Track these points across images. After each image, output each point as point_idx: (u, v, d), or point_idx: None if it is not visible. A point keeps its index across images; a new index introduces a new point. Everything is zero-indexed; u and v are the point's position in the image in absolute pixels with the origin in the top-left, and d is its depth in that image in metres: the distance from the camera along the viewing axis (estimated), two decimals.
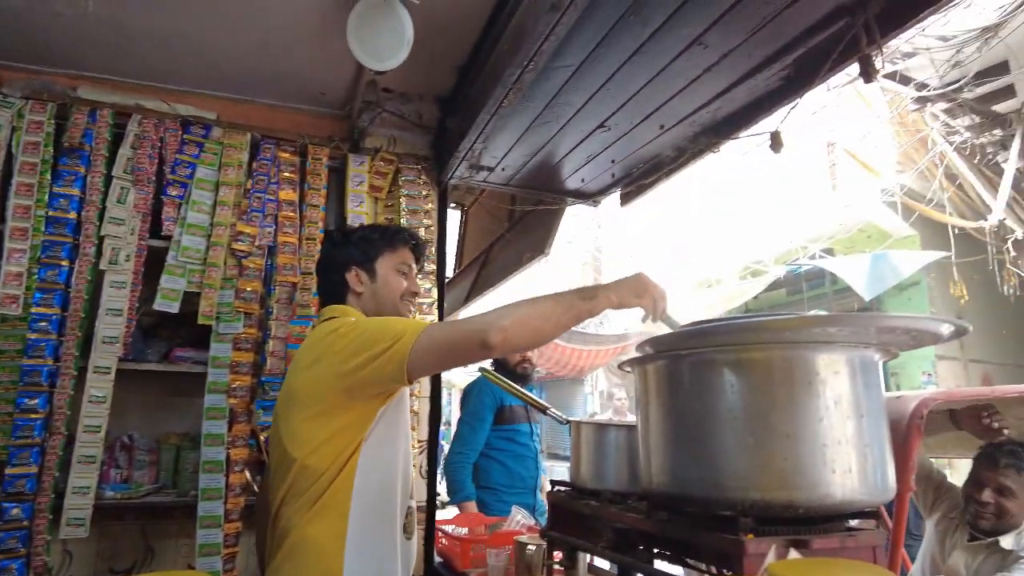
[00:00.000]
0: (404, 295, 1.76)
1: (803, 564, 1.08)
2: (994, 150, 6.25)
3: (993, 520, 2.29)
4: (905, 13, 1.76)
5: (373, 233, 1.80)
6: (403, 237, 1.82)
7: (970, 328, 1.19)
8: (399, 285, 1.75)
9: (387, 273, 1.75)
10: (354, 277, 1.73)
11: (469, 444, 3.32)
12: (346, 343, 1.46)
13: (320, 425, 1.46)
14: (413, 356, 1.38)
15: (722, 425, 1.20)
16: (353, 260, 1.74)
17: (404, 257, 1.79)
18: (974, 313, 7.49)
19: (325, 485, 1.45)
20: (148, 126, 2.45)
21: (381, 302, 1.73)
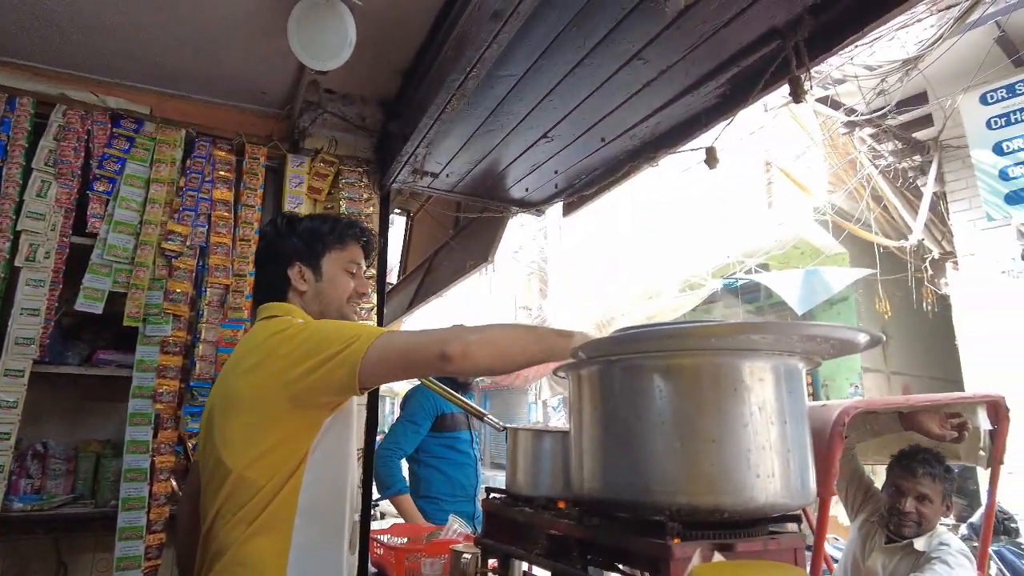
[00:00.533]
0: (351, 297, 1.63)
1: (724, 567, 1.10)
2: (914, 174, 6.62)
3: (915, 527, 2.41)
4: (832, 39, 1.85)
5: (322, 225, 1.63)
6: (353, 232, 1.66)
7: (884, 337, 1.25)
8: (346, 285, 1.61)
9: (334, 272, 1.60)
10: (297, 273, 1.57)
11: (398, 443, 3.24)
12: (293, 347, 1.36)
13: (261, 435, 1.34)
14: (366, 363, 1.30)
15: (651, 431, 1.22)
16: (297, 254, 1.58)
17: (354, 255, 1.64)
18: (896, 328, 7.88)
19: (266, 500, 1.32)
20: (74, 117, 2.34)
21: (325, 303, 1.59)
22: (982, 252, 5.90)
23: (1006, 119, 5.65)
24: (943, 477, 2.41)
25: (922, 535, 2.41)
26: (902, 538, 2.44)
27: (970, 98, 5.82)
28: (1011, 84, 5.62)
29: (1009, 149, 5.62)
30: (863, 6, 1.76)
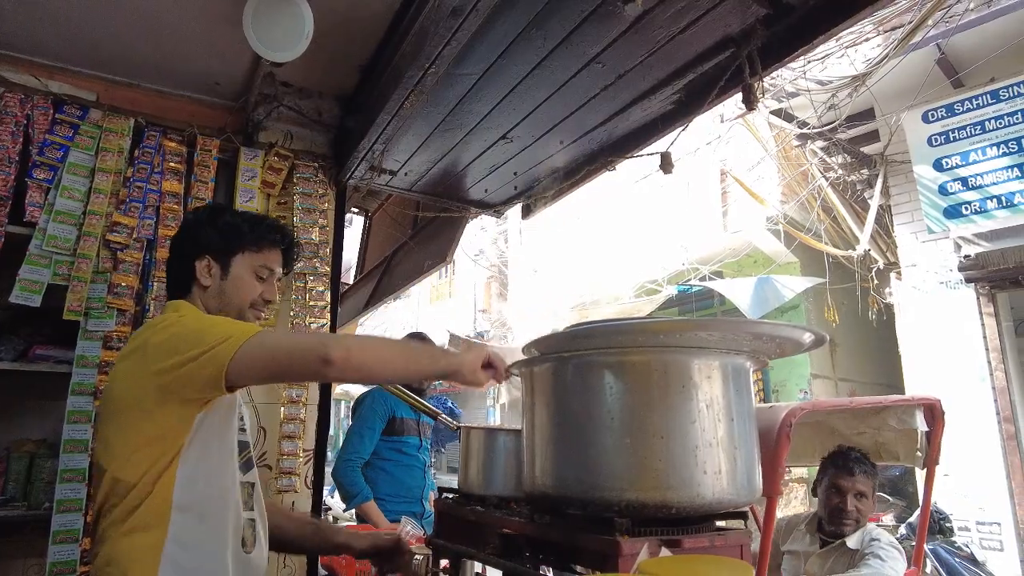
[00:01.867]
0: (255, 303, 1.57)
1: (672, 561, 1.11)
2: (862, 187, 6.86)
3: (854, 525, 2.49)
4: (783, 49, 1.91)
5: (243, 223, 1.57)
6: (273, 238, 1.59)
7: (827, 337, 1.28)
8: (252, 290, 1.55)
9: (242, 273, 1.54)
10: (204, 267, 1.51)
11: (357, 451, 3.24)
12: (164, 338, 1.33)
13: (132, 433, 1.32)
14: (236, 362, 1.26)
15: (601, 427, 1.22)
16: (209, 247, 1.52)
17: (268, 260, 1.58)
18: (844, 335, 8.14)
19: (139, 498, 1.29)
20: (12, 101, 2.24)
21: (226, 303, 1.53)
22: (923, 263, 6.14)
23: (945, 137, 5.91)
24: (872, 474, 2.52)
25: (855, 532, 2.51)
26: (837, 538, 2.53)
27: (913, 116, 6.06)
28: (950, 104, 5.88)
29: (948, 165, 5.87)
30: (812, 20, 1.82)
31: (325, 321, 2.57)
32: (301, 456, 2.45)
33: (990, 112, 5.63)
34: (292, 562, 2.42)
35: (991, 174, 5.59)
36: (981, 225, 5.64)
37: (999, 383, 5.50)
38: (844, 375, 8.52)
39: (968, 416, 5.36)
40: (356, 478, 3.18)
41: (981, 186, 5.63)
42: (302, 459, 2.46)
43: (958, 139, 5.80)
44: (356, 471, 3.20)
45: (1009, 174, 5.49)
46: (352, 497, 3.14)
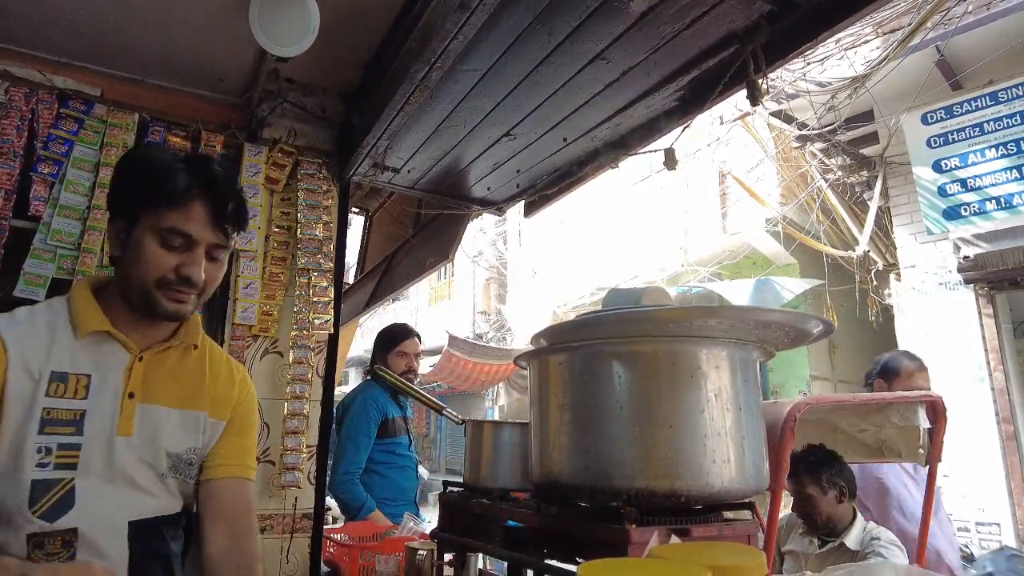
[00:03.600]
0: (165, 280, 1.17)
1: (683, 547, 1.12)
2: (861, 189, 6.89)
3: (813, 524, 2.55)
4: (787, 45, 1.91)
5: (147, 169, 1.18)
6: (189, 185, 1.16)
7: (835, 326, 1.29)
8: (155, 262, 1.16)
9: (144, 239, 1.16)
10: (113, 232, 1.20)
11: (354, 462, 3.16)
12: None
13: None
14: None
15: (610, 416, 1.23)
16: (117, 206, 1.20)
17: (178, 221, 1.16)
18: (843, 337, 8.16)
19: None
20: (17, 95, 2.24)
21: (128, 279, 1.19)
22: (922, 264, 6.17)
23: (944, 139, 5.93)
24: (812, 471, 2.50)
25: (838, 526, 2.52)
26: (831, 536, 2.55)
27: (912, 118, 6.09)
28: (949, 106, 5.90)
29: (947, 167, 5.90)
30: (816, 16, 1.83)
31: (328, 317, 2.57)
32: (304, 452, 2.45)
33: (989, 114, 5.66)
34: (295, 558, 2.42)
35: (990, 176, 5.62)
36: (980, 226, 5.67)
37: (998, 384, 5.52)
38: (843, 376, 8.53)
39: (967, 417, 5.38)
40: (358, 491, 3.12)
41: (980, 187, 5.66)
42: (305, 455, 2.46)
43: (957, 141, 5.83)
44: (356, 484, 3.13)
45: (1008, 175, 5.51)
46: (357, 511, 3.07)
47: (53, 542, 1.10)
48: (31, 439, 1.11)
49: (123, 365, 1.23)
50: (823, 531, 2.58)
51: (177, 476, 1.27)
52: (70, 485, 1.13)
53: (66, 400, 1.15)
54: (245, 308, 2.43)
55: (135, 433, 1.21)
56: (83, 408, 1.16)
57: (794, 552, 2.69)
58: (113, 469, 1.18)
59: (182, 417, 1.29)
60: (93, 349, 1.20)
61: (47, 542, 1.09)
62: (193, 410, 1.30)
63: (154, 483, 1.24)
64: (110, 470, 1.18)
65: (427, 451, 17.87)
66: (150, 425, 1.24)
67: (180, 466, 1.28)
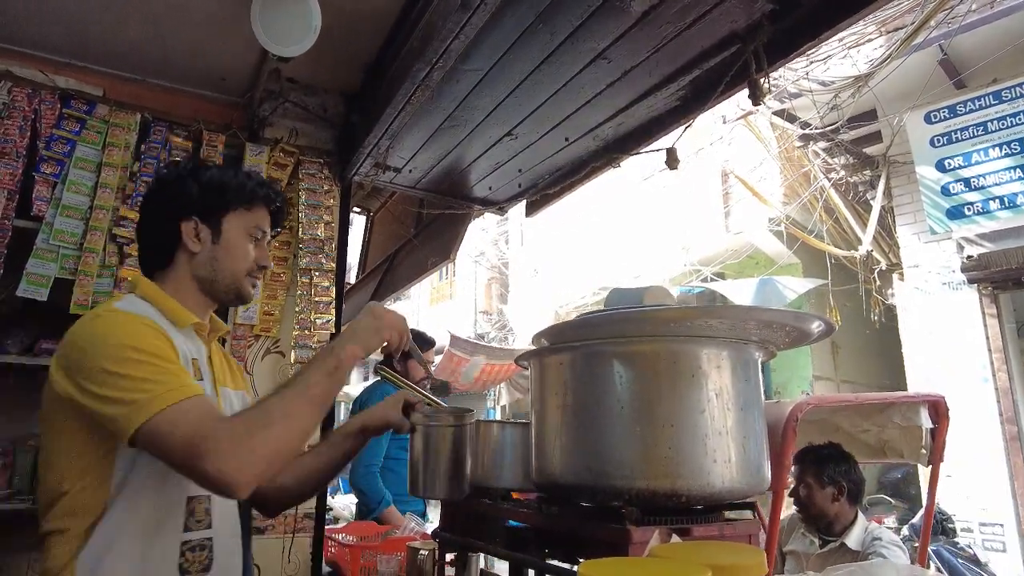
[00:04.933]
0: (251, 269, 1.40)
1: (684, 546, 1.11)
2: (864, 188, 6.87)
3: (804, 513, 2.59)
4: (789, 45, 1.91)
5: (230, 178, 1.40)
6: (265, 193, 1.42)
7: (836, 326, 1.29)
8: (247, 254, 1.39)
9: (235, 235, 1.37)
10: (191, 230, 1.34)
11: (376, 456, 3.20)
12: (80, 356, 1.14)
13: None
14: (142, 436, 1.05)
15: (611, 415, 1.23)
16: (195, 207, 1.34)
17: (260, 220, 1.42)
18: (846, 337, 8.14)
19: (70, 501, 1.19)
20: (20, 95, 2.24)
21: (219, 270, 1.36)
22: (925, 264, 6.15)
23: (948, 138, 5.92)
24: (817, 463, 2.55)
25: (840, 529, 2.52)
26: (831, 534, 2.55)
27: (915, 117, 6.07)
28: (952, 105, 5.89)
29: (951, 166, 5.88)
30: (818, 16, 1.82)
31: (330, 317, 2.58)
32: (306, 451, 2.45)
33: (992, 113, 5.64)
34: (296, 558, 2.42)
35: (994, 175, 5.60)
36: (984, 226, 5.65)
37: (1002, 384, 5.50)
38: (846, 376, 8.51)
39: (971, 417, 5.36)
40: (378, 485, 3.15)
41: (984, 187, 5.64)
42: None
43: (960, 140, 5.81)
44: (377, 478, 3.17)
45: (1012, 175, 5.49)
46: (376, 504, 3.10)
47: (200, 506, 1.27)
48: None
49: (205, 353, 1.38)
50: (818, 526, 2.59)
51: None
52: None
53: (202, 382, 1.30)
54: (247, 308, 2.43)
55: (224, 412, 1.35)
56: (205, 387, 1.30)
57: (795, 552, 2.68)
58: None
59: (238, 397, 1.46)
60: (186, 338, 1.32)
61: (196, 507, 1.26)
62: (240, 390, 1.49)
63: None
64: None
65: None
66: (229, 406, 1.39)
67: None
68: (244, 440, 1.07)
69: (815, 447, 2.59)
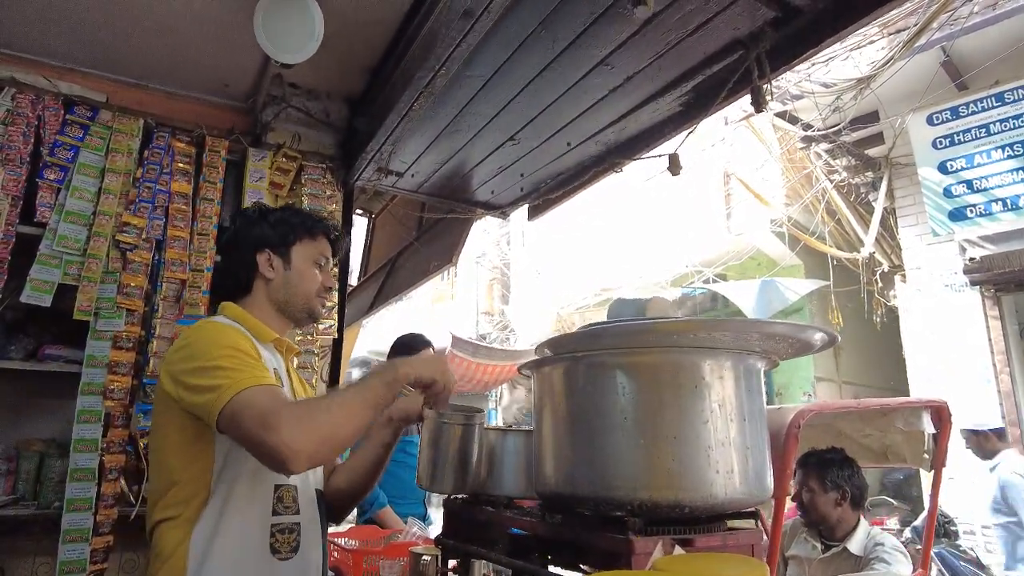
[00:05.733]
0: (319, 290, 1.63)
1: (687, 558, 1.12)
2: (866, 190, 6.86)
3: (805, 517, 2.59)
4: (792, 51, 1.91)
5: (293, 217, 1.65)
6: (324, 226, 1.67)
7: (839, 337, 1.29)
8: (314, 278, 1.62)
9: (303, 263, 1.61)
10: (266, 260, 1.57)
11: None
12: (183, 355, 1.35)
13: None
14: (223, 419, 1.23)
15: (614, 427, 1.23)
16: (267, 242, 1.58)
17: (323, 248, 1.65)
18: (847, 339, 8.11)
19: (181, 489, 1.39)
20: (23, 102, 2.24)
21: (292, 293, 1.59)
22: (927, 266, 6.14)
23: (950, 140, 5.91)
24: (820, 468, 2.55)
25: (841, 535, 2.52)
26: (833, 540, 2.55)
27: (918, 118, 6.06)
28: (955, 107, 5.88)
29: (953, 168, 5.87)
30: (820, 22, 1.82)
31: (332, 321, 2.58)
32: None
33: (995, 115, 5.64)
34: None
35: (996, 177, 5.59)
36: (986, 228, 5.64)
37: (1004, 386, 5.49)
38: (848, 378, 8.50)
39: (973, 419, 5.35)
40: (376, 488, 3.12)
41: (986, 189, 5.63)
42: None
43: (963, 142, 5.81)
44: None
45: (1014, 177, 5.49)
46: (370, 505, 3.06)
47: (288, 494, 1.44)
48: None
49: (284, 366, 1.58)
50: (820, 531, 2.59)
51: None
52: None
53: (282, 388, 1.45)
54: None
55: None
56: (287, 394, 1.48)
57: (797, 557, 2.68)
58: None
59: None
60: (268, 352, 1.51)
61: (284, 495, 1.43)
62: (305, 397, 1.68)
63: None
64: None
65: None
66: None
67: None
68: (305, 420, 1.23)
69: (818, 452, 2.59)
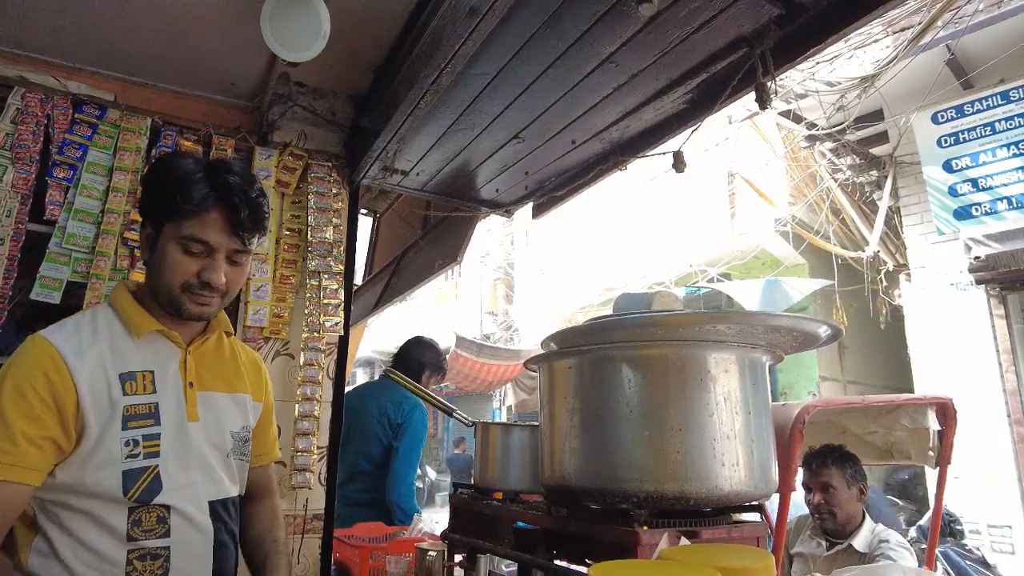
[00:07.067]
0: (188, 284, 1.24)
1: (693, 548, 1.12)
2: (871, 189, 6.85)
3: (831, 519, 2.54)
4: (796, 48, 1.92)
5: (169, 179, 1.23)
6: (204, 195, 1.21)
7: (843, 330, 1.29)
8: (178, 267, 1.23)
9: (167, 246, 1.23)
10: (145, 237, 1.28)
11: (414, 472, 3.22)
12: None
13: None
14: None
15: (620, 419, 1.24)
16: (147, 212, 1.28)
17: (196, 229, 1.22)
18: (851, 338, 8.12)
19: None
20: (33, 101, 2.26)
21: (155, 283, 1.27)
22: (932, 265, 6.13)
23: (955, 138, 5.90)
24: (840, 463, 2.53)
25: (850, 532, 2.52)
26: (840, 537, 2.54)
27: (923, 117, 6.05)
28: (960, 105, 5.87)
29: (958, 167, 5.86)
30: (825, 19, 1.83)
31: (339, 319, 2.59)
32: (315, 453, 2.47)
33: (1000, 113, 5.63)
34: (305, 559, 2.44)
35: (1001, 175, 5.58)
36: (991, 226, 5.63)
37: (1010, 385, 5.48)
38: (853, 377, 8.49)
39: (979, 419, 5.34)
40: (415, 502, 3.15)
41: (991, 187, 5.62)
42: (316, 456, 2.47)
43: (968, 140, 5.80)
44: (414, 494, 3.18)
45: (1020, 175, 5.48)
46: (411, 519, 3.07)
47: (149, 518, 1.22)
48: (117, 436, 1.20)
49: (177, 359, 1.33)
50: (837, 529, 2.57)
51: (239, 456, 1.41)
52: (155, 471, 1.23)
53: (140, 396, 1.24)
54: (256, 310, 2.45)
55: (201, 418, 1.33)
56: (156, 400, 1.26)
57: (802, 554, 2.69)
58: (189, 453, 1.30)
59: (233, 400, 1.43)
60: (148, 347, 1.29)
61: (144, 519, 1.21)
62: (240, 393, 1.45)
63: (222, 466, 1.36)
64: (187, 455, 1.29)
65: (434, 452, 17.91)
66: (212, 410, 1.36)
67: (239, 445, 1.42)
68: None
69: (831, 447, 2.57)
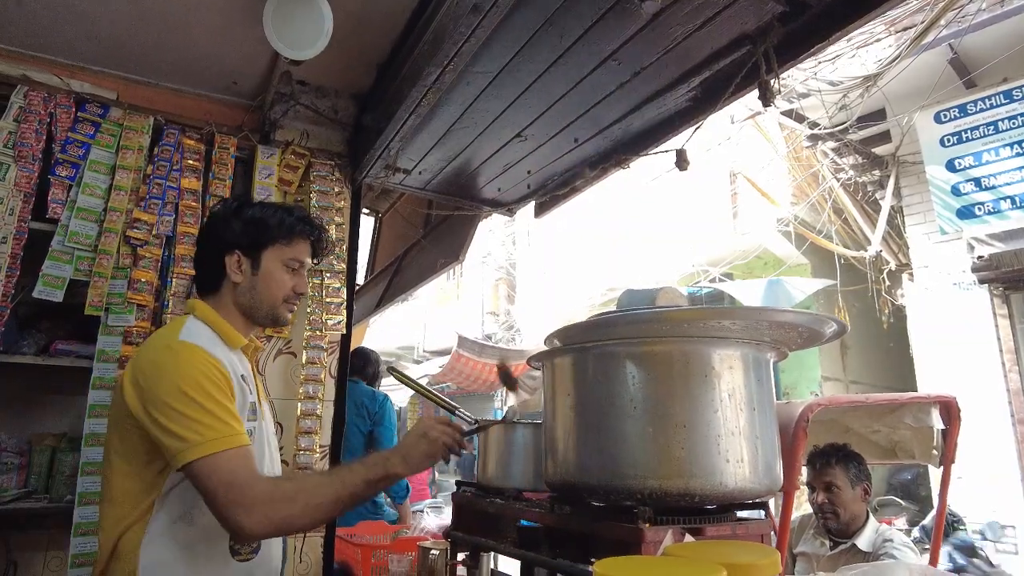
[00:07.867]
0: (288, 297, 1.56)
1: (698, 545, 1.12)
2: (873, 188, 6.84)
3: (834, 518, 2.53)
4: (799, 46, 1.91)
5: (272, 215, 1.56)
6: (303, 228, 1.58)
7: (848, 327, 1.29)
8: (283, 284, 1.55)
9: (273, 267, 1.54)
10: (234, 263, 1.52)
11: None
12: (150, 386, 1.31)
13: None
14: (188, 470, 1.25)
15: (624, 416, 1.23)
16: (237, 243, 1.52)
17: (298, 252, 1.57)
18: (855, 338, 8.10)
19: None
20: (36, 99, 2.27)
21: (258, 299, 1.53)
22: (935, 264, 6.11)
23: (958, 137, 5.88)
24: (845, 463, 2.52)
25: (854, 531, 2.51)
26: (843, 537, 2.53)
27: (925, 116, 6.04)
28: (963, 104, 5.85)
29: (961, 166, 5.85)
30: (828, 17, 1.82)
31: (341, 318, 2.59)
32: (318, 452, 2.47)
33: (1003, 112, 5.61)
34: (308, 557, 2.44)
35: (1004, 175, 5.56)
36: (994, 226, 5.61)
37: (1013, 385, 5.47)
38: (855, 377, 8.47)
39: (982, 418, 5.33)
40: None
41: (994, 187, 5.61)
42: (318, 455, 2.47)
43: (971, 139, 5.78)
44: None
45: (1022, 174, 5.46)
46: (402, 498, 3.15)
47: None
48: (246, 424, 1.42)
49: (249, 367, 1.57)
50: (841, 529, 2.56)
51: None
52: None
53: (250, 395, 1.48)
54: None
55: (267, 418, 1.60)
56: (254, 400, 1.49)
57: (806, 554, 2.68)
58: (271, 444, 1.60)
59: (267, 407, 1.66)
60: (237, 358, 1.51)
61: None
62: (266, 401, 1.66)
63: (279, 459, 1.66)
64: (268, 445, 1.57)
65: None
66: (268, 413, 1.64)
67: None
68: (266, 505, 1.25)
69: (835, 446, 2.56)
